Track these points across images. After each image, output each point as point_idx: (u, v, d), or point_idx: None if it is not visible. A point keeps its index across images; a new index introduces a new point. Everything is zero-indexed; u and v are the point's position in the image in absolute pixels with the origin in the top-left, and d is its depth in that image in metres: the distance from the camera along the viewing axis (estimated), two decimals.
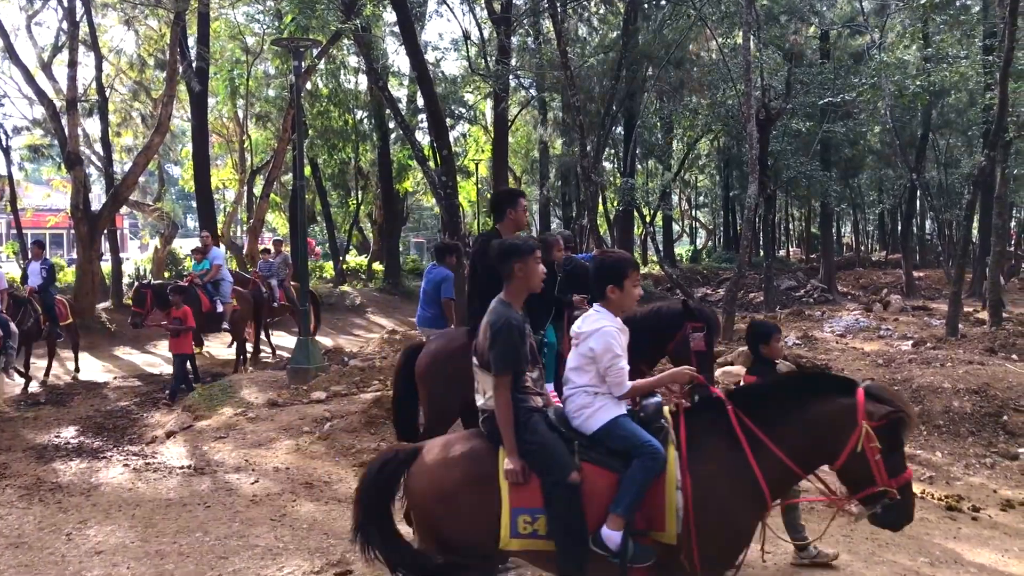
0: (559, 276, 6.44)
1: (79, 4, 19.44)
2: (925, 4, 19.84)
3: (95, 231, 19.09)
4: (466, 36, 27.81)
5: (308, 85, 26.90)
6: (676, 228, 50.34)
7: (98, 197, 26.22)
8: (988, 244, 18.83)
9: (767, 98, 21.03)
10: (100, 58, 21.92)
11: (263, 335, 16.47)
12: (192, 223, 44.90)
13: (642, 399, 3.88)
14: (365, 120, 31.54)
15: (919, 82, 18.79)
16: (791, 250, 54.83)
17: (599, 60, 24.34)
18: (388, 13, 25.05)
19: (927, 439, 8.16)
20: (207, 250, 14.57)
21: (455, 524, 3.63)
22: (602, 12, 28.17)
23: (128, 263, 29.31)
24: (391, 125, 28.52)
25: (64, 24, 20.79)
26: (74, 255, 23.14)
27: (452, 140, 26.65)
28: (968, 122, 27.64)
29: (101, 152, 23.89)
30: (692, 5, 21.58)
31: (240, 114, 29.07)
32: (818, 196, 28.41)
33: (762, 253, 28.06)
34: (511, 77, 25.12)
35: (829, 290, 27.21)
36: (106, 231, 21.08)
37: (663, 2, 24.37)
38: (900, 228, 36.05)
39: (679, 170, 37.34)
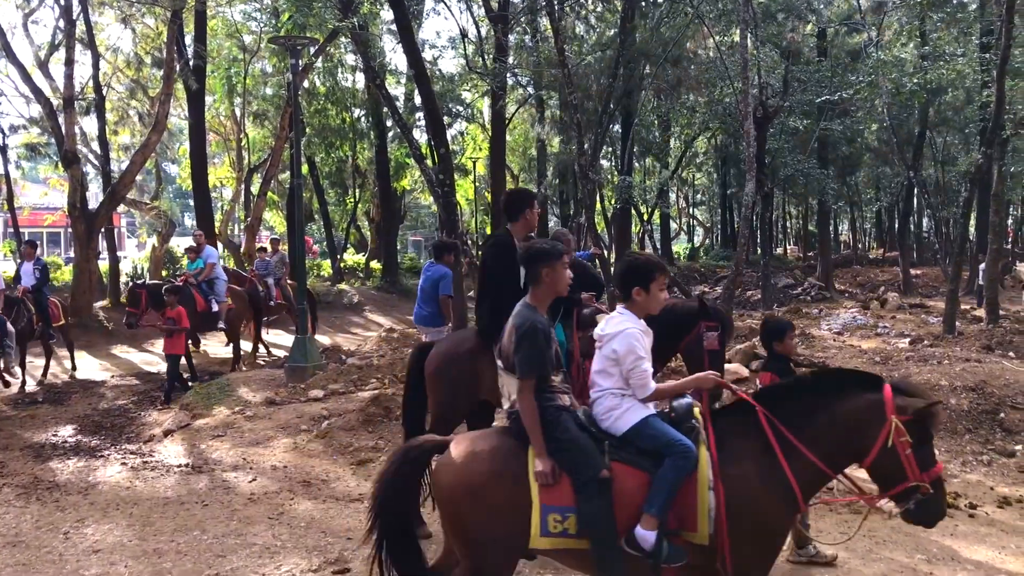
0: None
1: (76, 2, 19.41)
2: (922, 2, 19.89)
3: (92, 229, 19.07)
4: (463, 34, 27.77)
5: (305, 83, 26.88)
6: (674, 226, 50.32)
7: (95, 195, 26.15)
8: (985, 242, 18.84)
9: (764, 96, 21.05)
10: (97, 56, 21.87)
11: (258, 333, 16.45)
12: (190, 221, 44.88)
13: (671, 400, 3.84)
14: (362, 118, 31.52)
15: (916, 80, 18.81)
16: (788, 248, 54.84)
17: (596, 58, 24.30)
18: (385, 11, 25.00)
19: None
20: (201, 249, 14.49)
21: (481, 518, 3.60)
22: (599, 10, 28.14)
23: (125, 261, 29.27)
24: (389, 123, 28.54)
25: (61, 22, 20.76)
26: (71, 254, 23.13)
27: (450, 138, 26.60)
28: (965, 120, 27.65)
29: (98, 150, 23.82)
30: (689, 3, 21.55)
31: (237, 112, 29.03)
32: (815, 194, 28.41)
33: (759, 251, 28.08)
34: (509, 75, 25.09)
35: (826, 288, 27.22)
36: (103, 229, 21.05)
37: (660, 0, 24.35)
38: (897, 226, 36.02)
39: (676, 168, 37.36)
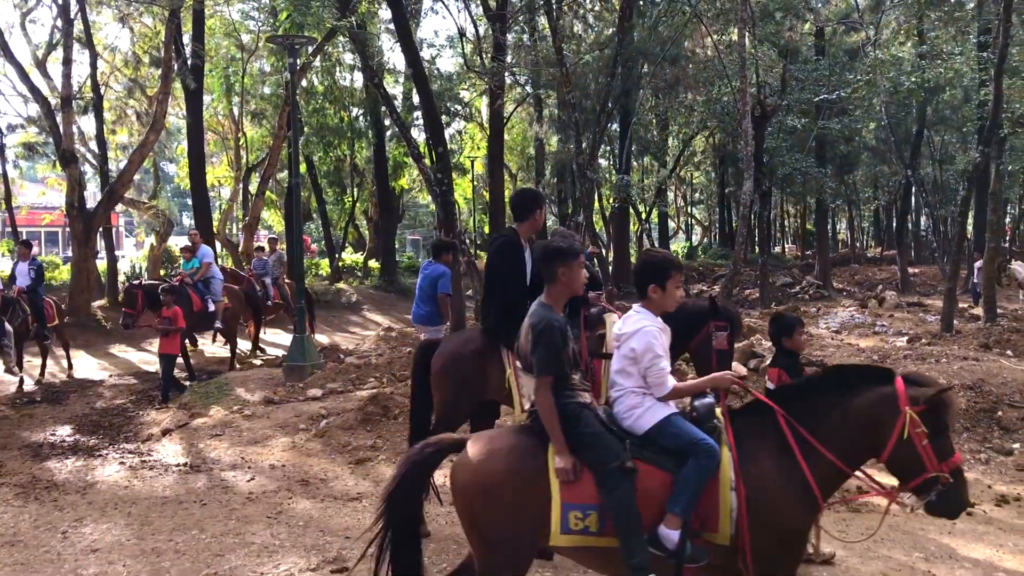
0: None
1: (73, 1, 19.41)
2: (920, 1, 19.87)
3: (90, 229, 19.06)
4: (461, 33, 27.76)
5: (303, 82, 26.87)
6: (672, 225, 50.33)
7: (93, 195, 26.08)
8: (982, 240, 18.86)
9: (762, 95, 21.10)
10: (95, 55, 21.85)
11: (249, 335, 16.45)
12: (188, 221, 44.84)
13: (693, 399, 3.82)
14: (361, 117, 31.48)
15: (914, 78, 18.82)
16: (787, 247, 54.91)
17: (594, 57, 24.29)
18: (383, 10, 25.03)
19: None
20: (196, 248, 14.41)
21: (499, 517, 3.58)
22: (597, 9, 28.12)
23: (124, 261, 29.25)
24: (387, 122, 28.49)
25: (58, 21, 20.74)
26: (69, 253, 23.11)
27: (448, 137, 26.59)
28: (963, 118, 27.68)
29: (96, 150, 23.79)
30: (687, 2, 21.60)
31: (235, 111, 28.99)
32: (813, 193, 28.45)
33: (757, 250, 28.13)
34: (507, 74, 25.09)
35: (824, 286, 27.27)
36: (101, 229, 21.04)
37: None
38: (895, 224, 36.07)
39: (675, 167, 37.37)
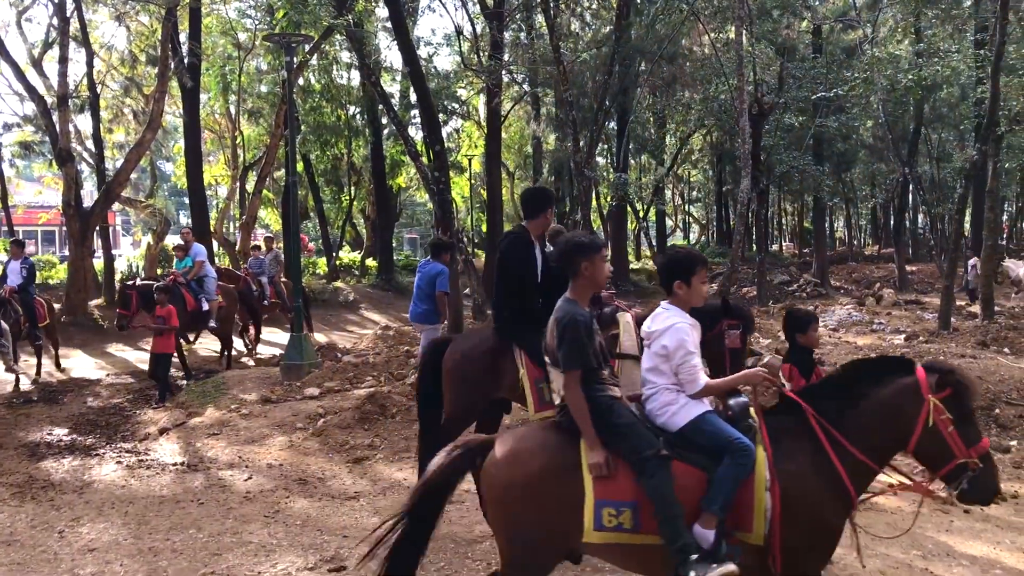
0: None
1: (69, 0, 19.35)
2: None
3: (87, 228, 19.02)
4: (459, 31, 27.76)
5: (300, 81, 26.84)
6: (669, 223, 50.33)
7: (90, 194, 26.05)
8: (979, 238, 18.88)
9: (760, 93, 21.10)
10: (91, 54, 21.82)
11: (246, 333, 16.38)
12: (185, 219, 44.77)
13: (727, 397, 3.81)
14: (358, 116, 31.45)
15: (911, 76, 18.81)
16: (784, 245, 54.90)
17: (592, 55, 24.28)
18: (380, 9, 24.98)
19: None
20: (189, 247, 14.25)
21: (532, 516, 3.56)
22: (595, 7, 28.11)
23: (121, 260, 29.22)
24: (384, 121, 28.49)
25: (54, 20, 20.69)
26: (66, 252, 23.08)
27: (445, 136, 26.59)
28: (960, 116, 27.69)
29: (93, 149, 23.78)
30: (685, 0, 21.56)
31: (232, 110, 28.95)
32: (811, 190, 28.46)
33: (755, 248, 28.13)
34: (504, 72, 25.07)
35: (822, 284, 27.29)
36: (98, 228, 21.00)
37: None
38: (893, 222, 36.10)
39: (672, 165, 37.38)
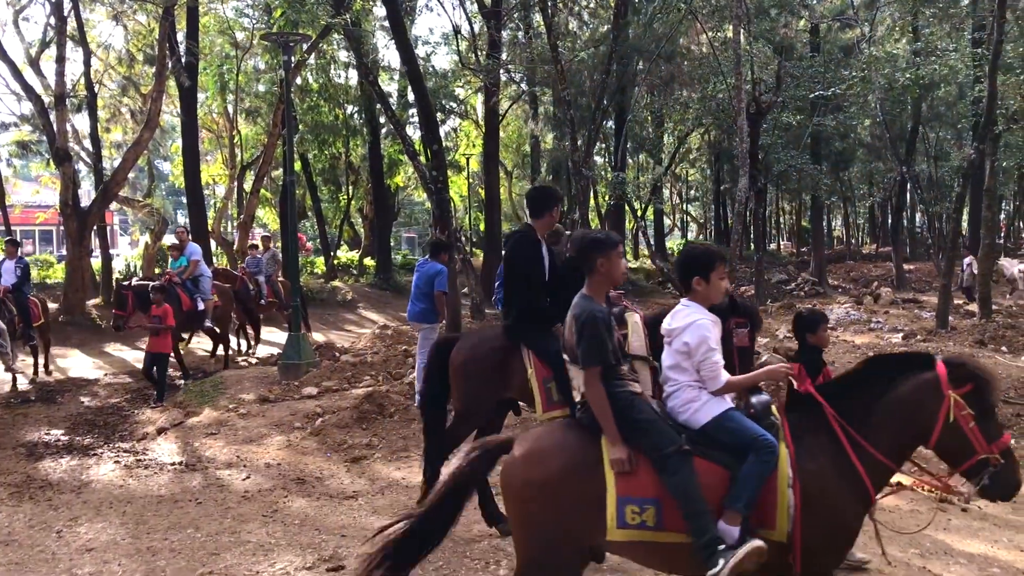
0: None
1: None
2: None
3: (85, 227, 18.99)
4: (456, 30, 27.76)
5: (298, 80, 26.81)
6: (667, 222, 50.37)
7: (87, 193, 26.07)
8: (977, 237, 18.89)
9: (757, 91, 21.10)
10: (88, 53, 21.80)
11: (242, 332, 16.36)
12: (182, 219, 44.73)
13: (749, 395, 3.79)
14: (356, 115, 31.45)
15: (909, 75, 18.83)
16: (782, 243, 54.95)
17: (589, 54, 24.25)
18: (378, 8, 24.98)
19: None
20: (184, 246, 14.04)
21: (554, 516, 3.52)
22: (592, 6, 28.13)
23: (118, 259, 29.21)
24: (382, 120, 28.48)
25: (52, 19, 20.67)
26: (64, 252, 23.05)
27: (443, 135, 26.58)
28: (957, 115, 27.73)
29: (90, 148, 23.78)
30: None
31: (230, 109, 28.94)
32: (809, 189, 28.46)
33: (753, 246, 28.10)
34: (502, 71, 25.06)
35: (820, 283, 27.31)
36: (96, 227, 20.98)
37: None
38: (890, 221, 36.15)
39: (670, 164, 37.38)
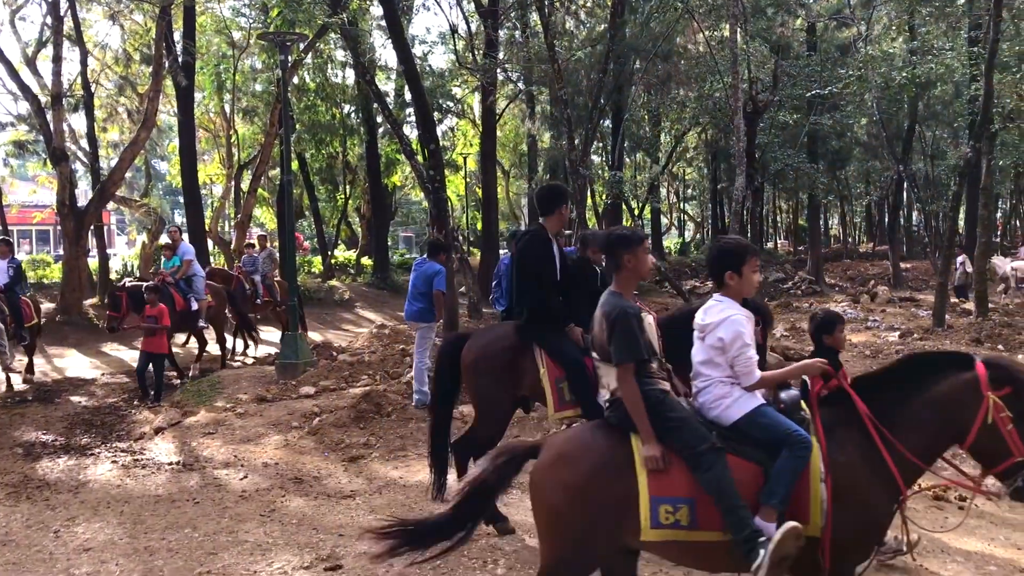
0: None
1: None
2: None
3: (82, 227, 18.98)
4: (453, 30, 27.73)
5: (295, 79, 26.80)
6: (664, 221, 50.33)
7: (84, 193, 26.05)
8: (974, 235, 18.92)
9: (754, 91, 21.06)
10: (85, 53, 21.76)
11: (239, 332, 16.34)
12: (180, 218, 44.68)
13: (779, 391, 3.79)
14: (353, 114, 31.45)
15: (905, 74, 18.83)
16: (779, 242, 54.95)
17: (586, 53, 24.26)
18: (375, 7, 24.97)
19: None
20: (176, 246, 13.99)
21: (586, 519, 3.48)
22: (589, 5, 28.12)
23: (115, 259, 29.18)
24: (379, 119, 28.47)
25: (48, 19, 20.61)
26: (61, 251, 23.02)
27: (440, 134, 26.61)
28: (954, 114, 27.74)
29: (87, 148, 23.74)
30: None
31: (227, 109, 28.92)
32: (805, 188, 28.49)
33: None
34: (499, 71, 25.04)
35: (817, 282, 27.32)
36: (93, 227, 20.95)
37: None
38: (887, 220, 36.20)
39: (667, 163, 37.40)
